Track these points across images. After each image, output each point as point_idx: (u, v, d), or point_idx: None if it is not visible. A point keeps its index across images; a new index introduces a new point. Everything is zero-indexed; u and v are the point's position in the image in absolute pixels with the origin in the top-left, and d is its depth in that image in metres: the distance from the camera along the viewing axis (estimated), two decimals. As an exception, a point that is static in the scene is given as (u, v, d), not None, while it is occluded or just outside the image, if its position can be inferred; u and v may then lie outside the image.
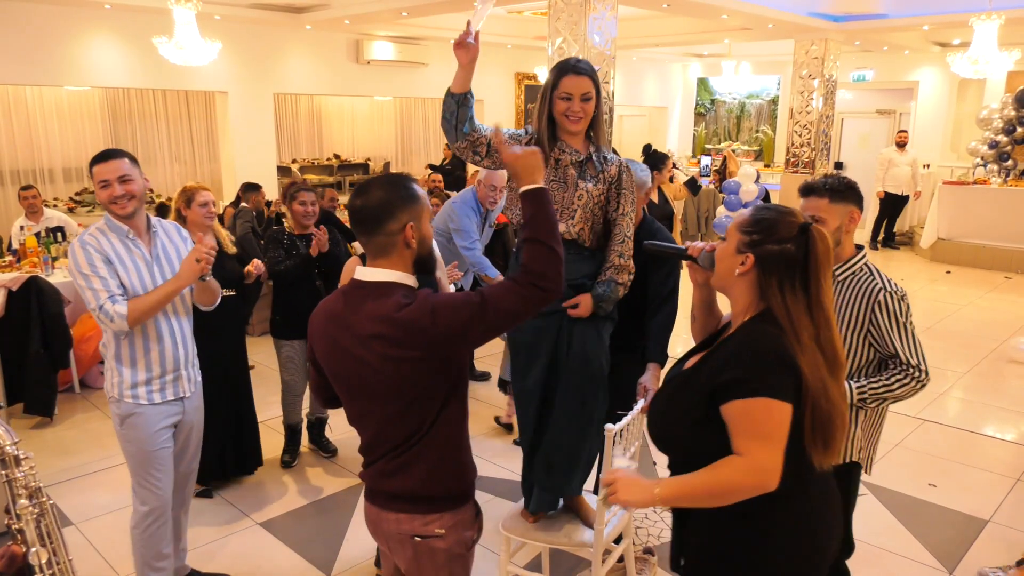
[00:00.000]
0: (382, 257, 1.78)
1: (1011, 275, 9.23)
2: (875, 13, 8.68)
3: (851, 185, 2.30)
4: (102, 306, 2.48)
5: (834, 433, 1.60)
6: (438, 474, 1.83)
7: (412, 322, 1.69)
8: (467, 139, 2.58)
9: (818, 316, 1.61)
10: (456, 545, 1.86)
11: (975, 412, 5.03)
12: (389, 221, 1.75)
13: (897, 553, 3.35)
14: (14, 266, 5.30)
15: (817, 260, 1.60)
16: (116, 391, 2.64)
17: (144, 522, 2.72)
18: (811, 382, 1.57)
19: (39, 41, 7.50)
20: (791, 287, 1.61)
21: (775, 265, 1.63)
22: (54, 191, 9.78)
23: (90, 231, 2.58)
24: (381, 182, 1.80)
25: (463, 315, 1.68)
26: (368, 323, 1.73)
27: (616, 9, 6.21)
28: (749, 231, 1.67)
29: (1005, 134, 10.32)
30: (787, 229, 1.63)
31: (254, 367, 5.66)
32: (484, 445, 4.44)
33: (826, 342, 1.61)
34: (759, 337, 1.62)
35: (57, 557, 1.49)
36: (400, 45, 10.29)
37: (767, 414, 1.56)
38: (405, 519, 1.84)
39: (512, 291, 1.68)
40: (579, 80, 2.50)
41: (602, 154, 2.61)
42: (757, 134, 14.66)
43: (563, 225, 2.58)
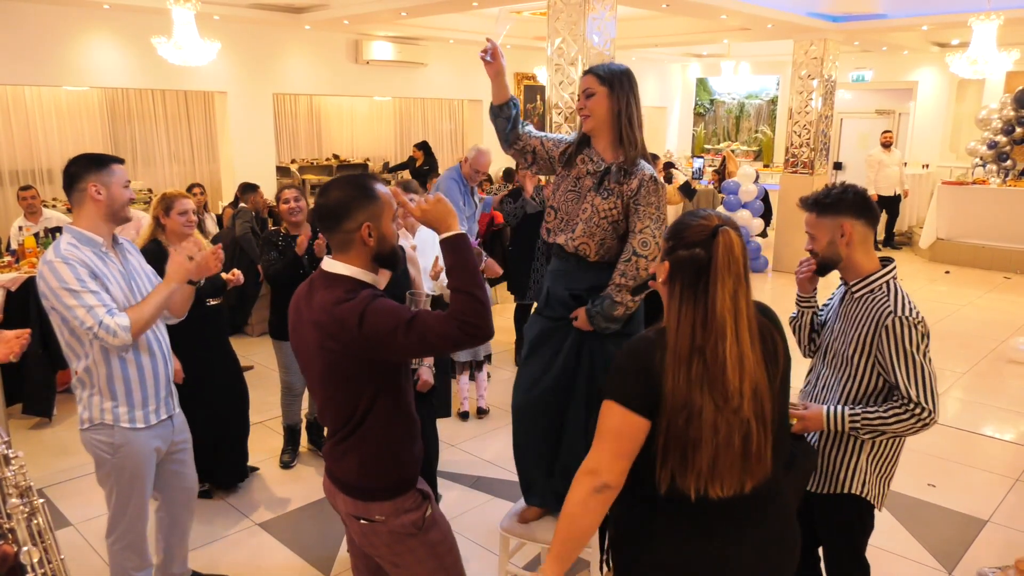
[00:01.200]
0: (342, 253, 1.89)
1: (1010, 275, 9.23)
2: (874, 13, 8.68)
3: (839, 196, 2.15)
4: (101, 322, 2.27)
5: (691, 460, 1.50)
6: (371, 468, 1.94)
7: (341, 319, 1.79)
8: (514, 147, 2.66)
9: (710, 324, 1.50)
10: (400, 527, 1.96)
11: (974, 412, 5.03)
12: (346, 220, 1.85)
13: (896, 553, 3.34)
14: (13, 266, 5.29)
15: (716, 264, 1.51)
16: (108, 417, 2.46)
17: (122, 540, 2.61)
18: (673, 396, 1.49)
19: (38, 41, 7.49)
20: (692, 294, 1.53)
21: (681, 271, 1.55)
22: (53, 191, 9.76)
23: (63, 246, 2.35)
24: (341, 182, 1.90)
25: (388, 325, 1.77)
26: (314, 310, 1.86)
27: (615, 9, 6.20)
28: (667, 237, 1.62)
29: (1004, 134, 10.32)
30: (698, 233, 1.55)
31: (252, 367, 5.67)
32: (483, 445, 4.44)
33: (713, 355, 1.49)
34: (633, 343, 1.61)
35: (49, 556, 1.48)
36: (399, 45, 10.29)
37: (605, 415, 1.56)
38: (349, 502, 1.97)
39: (443, 322, 1.77)
40: (584, 79, 2.53)
41: (628, 167, 2.51)
42: (756, 134, 14.66)
43: (564, 236, 2.55)
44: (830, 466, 2.23)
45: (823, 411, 2.15)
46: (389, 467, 1.95)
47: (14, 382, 4.71)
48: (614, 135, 2.52)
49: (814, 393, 2.32)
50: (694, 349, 1.50)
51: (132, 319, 2.34)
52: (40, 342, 4.75)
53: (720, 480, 1.52)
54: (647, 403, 1.52)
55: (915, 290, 8.48)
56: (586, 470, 1.58)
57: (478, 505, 3.74)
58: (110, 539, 2.62)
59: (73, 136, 9.96)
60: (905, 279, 9.01)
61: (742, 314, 1.52)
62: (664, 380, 1.50)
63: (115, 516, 2.59)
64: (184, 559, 2.99)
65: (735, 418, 1.50)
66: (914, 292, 8.28)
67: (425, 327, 1.76)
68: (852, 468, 2.20)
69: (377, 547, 2.00)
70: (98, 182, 2.39)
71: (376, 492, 1.94)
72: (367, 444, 1.92)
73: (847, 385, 2.20)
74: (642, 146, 2.54)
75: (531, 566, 3.10)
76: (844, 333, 2.21)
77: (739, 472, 1.53)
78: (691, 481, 1.52)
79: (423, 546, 2.00)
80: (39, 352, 4.72)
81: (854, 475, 2.20)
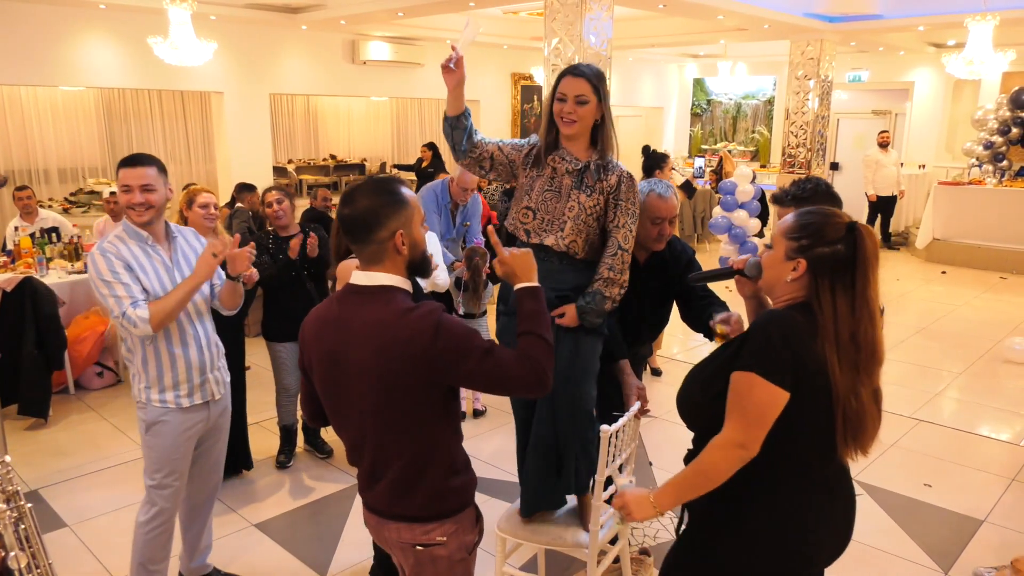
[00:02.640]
0: (375, 264, 1.77)
1: (1006, 275, 9.25)
2: (870, 14, 8.69)
3: (816, 189, 2.21)
4: (124, 312, 2.45)
5: (864, 430, 1.65)
6: (437, 497, 1.83)
7: (414, 330, 1.68)
8: (469, 156, 2.62)
9: (861, 312, 1.62)
10: (458, 551, 1.87)
11: (970, 412, 5.04)
12: (378, 229, 1.73)
13: (892, 553, 3.35)
14: (8, 267, 5.28)
15: (866, 257, 1.62)
16: (143, 396, 2.63)
17: (151, 523, 2.70)
18: (840, 381, 1.60)
19: (34, 41, 7.48)
20: (843, 287, 1.63)
21: (828, 267, 1.64)
22: (49, 192, 9.75)
23: (109, 238, 2.57)
24: (367, 189, 1.76)
25: (464, 346, 1.69)
26: (369, 326, 1.71)
27: (612, 10, 6.21)
28: (798, 236, 1.69)
29: (1000, 135, 10.34)
30: (835, 230, 1.65)
31: (250, 368, 5.65)
32: (481, 446, 4.43)
33: (865, 338, 1.63)
34: (775, 319, 1.66)
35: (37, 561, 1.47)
36: (396, 45, 10.28)
37: (749, 389, 1.61)
38: (405, 528, 1.84)
39: (519, 361, 1.72)
40: (575, 81, 2.46)
41: (604, 163, 2.53)
42: (753, 134, 14.67)
43: (552, 237, 2.54)
44: None
45: None
46: (454, 491, 1.85)
47: (9, 383, 4.70)
48: (590, 137, 2.54)
49: None
50: (852, 335, 1.62)
51: (152, 311, 2.48)
52: (35, 343, 4.74)
53: (865, 449, 1.69)
54: (794, 380, 1.60)
55: (911, 290, 8.49)
56: (735, 443, 1.63)
57: (475, 506, 3.74)
58: (139, 521, 2.73)
59: (69, 136, 9.94)
60: (901, 279, 9.03)
61: (879, 298, 1.67)
62: (830, 368, 1.60)
63: (147, 498, 2.72)
64: (205, 552, 3.06)
65: (873, 388, 1.66)
66: (910, 292, 8.32)
67: (502, 360, 1.70)
68: None
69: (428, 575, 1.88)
70: (117, 184, 2.59)
71: (440, 515, 1.84)
72: (429, 473, 1.81)
73: None
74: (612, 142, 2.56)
75: (528, 567, 3.10)
76: None
77: (875, 433, 1.69)
78: (858, 451, 1.67)
79: (463, 573, 1.92)
80: (34, 353, 4.71)
81: None
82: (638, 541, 3.40)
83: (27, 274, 4.97)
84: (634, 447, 2.68)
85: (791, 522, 1.70)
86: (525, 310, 1.80)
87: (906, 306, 7.74)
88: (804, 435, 1.66)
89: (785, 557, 1.71)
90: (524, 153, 2.62)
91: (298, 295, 3.93)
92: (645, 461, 4.15)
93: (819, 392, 1.62)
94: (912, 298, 8.12)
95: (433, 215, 4.90)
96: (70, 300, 5.31)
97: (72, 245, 5.84)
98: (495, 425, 4.73)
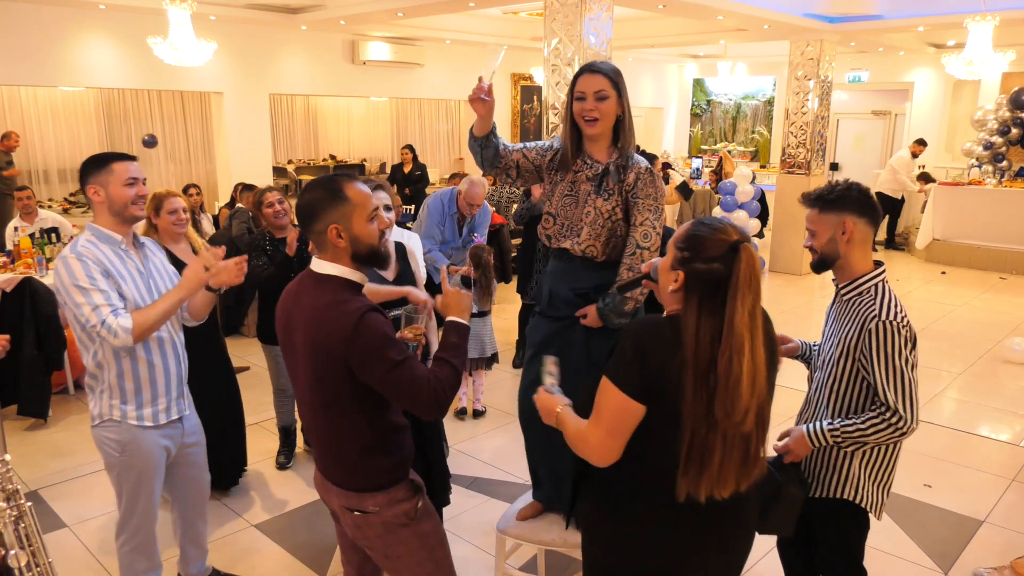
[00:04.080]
0: (321, 252, 1.92)
1: (1006, 276, 9.25)
2: (870, 14, 8.69)
3: (844, 193, 2.11)
4: (104, 321, 2.26)
5: (710, 468, 1.55)
6: (363, 470, 1.98)
7: (333, 323, 1.81)
8: (497, 168, 2.65)
9: (727, 340, 1.51)
10: (393, 517, 2.00)
11: (970, 412, 5.04)
12: (314, 221, 1.88)
13: (892, 554, 3.35)
14: (8, 267, 5.28)
15: (737, 281, 1.52)
16: (116, 413, 2.44)
17: (131, 542, 2.60)
18: (690, 407, 1.53)
19: (34, 42, 7.48)
20: (710, 309, 1.54)
21: (699, 284, 1.56)
22: (49, 192, 9.77)
23: (80, 243, 2.36)
24: (315, 184, 1.93)
25: (376, 352, 1.83)
26: (304, 310, 1.89)
27: (612, 10, 6.20)
28: (682, 247, 1.61)
29: (1000, 135, 10.34)
30: (716, 247, 1.55)
31: (248, 368, 5.66)
32: (481, 446, 4.43)
33: (727, 369, 1.51)
34: (638, 330, 1.63)
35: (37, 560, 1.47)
36: (396, 46, 10.28)
37: (603, 393, 1.61)
38: (343, 494, 2.00)
39: (424, 380, 1.85)
40: (593, 78, 2.42)
41: (624, 162, 2.51)
42: (753, 135, 14.68)
43: (569, 242, 2.54)
44: (821, 469, 2.22)
45: (803, 433, 2.13)
46: (381, 467, 1.99)
47: (9, 383, 4.70)
48: (612, 136, 2.52)
49: (811, 398, 2.31)
50: (711, 362, 1.53)
51: (136, 322, 2.32)
52: (35, 343, 4.74)
53: (724, 483, 1.58)
54: (643, 391, 1.57)
55: (911, 291, 8.49)
56: (582, 436, 1.66)
57: (475, 506, 3.73)
58: (119, 540, 2.61)
59: (69, 137, 9.95)
60: (901, 280, 9.03)
61: (758, 329, 1.55)
62: (681, 391, 1.53)
63: (124, 516, 2.57)
64: (202, 559, 3.00)
65: (737, 430, 1.55)
66: (910, 292, 8.31)
67: (409, 377, 1.83)
68: (844, 473, 2.17)
69: (370, 539, 2.04)
70: (96, 183, 2.38)
71: (369, 487, 1.98)
72: (351, 447, 1.96)
73: (834, 388, 2.17)
74: (633, 141, 2.55)
75: (528, 568, 3.10)
76: (832, 337, 2.21)
77: (737, 475, 1.60)
78: (704, 486, 1.57)
79: (415, 537, 2.04)
80: (34, 353, 4.71)
81: (847, 480, 2.17)
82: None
83: (27, 274, 4.97)
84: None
85: (643, 535, 1.67)
86: (448, 341, 1.98)
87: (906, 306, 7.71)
88: (652, 450, 1.60)
89: (639, 567, 1.69)
90: (548, 159, 2.63)
91: None
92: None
93: (668, 412, 1.56)
94: (912, 298, 8.12)
95: (435, 223, 5.05)
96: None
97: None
98: (495, 425, 4.73)
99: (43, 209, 6.66)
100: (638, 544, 1.68)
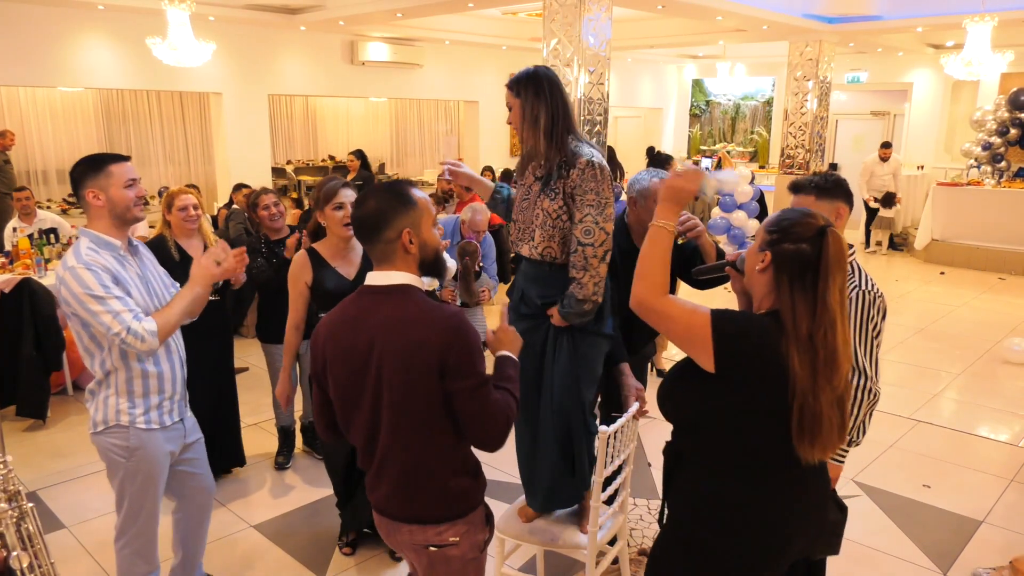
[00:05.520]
0: (387, 263, 1.82)
1: (1005, 276, 9.26)
2: (869, 15, 8.70)
3: (839, 182, 2.31)
4: (129, 328, 2.21)
5: (820, 431, 1.64)
6: (445, 498, 1.85)
7: (437, 329, 1.73)
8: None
9: (821, 316, 1.63)
10: (470, 550, 1.90)
11: (969, 413, 5.04)
12: (385, 229, 1.78)
13: (891, 554, 3.35)
14: (7, 268, 5.27)
15: (828, 261, 1.63)
16: (124, 419, 2.40)
17: (132, 544, 2.57)
18: (799, 379, 1.62)
19: (33, 42, 7.47)
20: (801, 286, 1.64)
21: (788, 263, 1.66)
22: (48, 192, 9.75)
23: (83, 252, 2.29)
24: (377, 191, 1.83)
25: (471, 361, 1.74)
26: (388, 323, 1.76)
27: (611, 10, 6.21)
28: (771, 230, 1.72)
29: (998, 135, 10.35)
30: (805, 230, 1.66)
31: (248, 369, 5.65)
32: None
33: (823, 342, 1.62)
34: (754, 323, 1.70)
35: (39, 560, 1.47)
36: (395, 46, 10.28)
37: (693, 315, 1.70)
38: (418, 530, 1.86)
39: (499, 407, 1.79)
40: (506, 94, 2.53)
41: (567, 159, 2.44)
42: (752, 135, 14.68)
43: (526, 246, 2.55)
44: None
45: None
46: (464, 492, 1.87)
47: (7, 384, 4.69)
48: (545, 139, 2.45)
49: None
50: (810, 336, 1.63)
51: (159, 324, 2.30)
52: (33, 344, 4.73)
53: (832, 446, 1.68)
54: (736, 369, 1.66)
55: (910, 291, 8.50)
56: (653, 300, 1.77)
57: (474, 507, 3.73)
58: (119, 543, 2.57)
59: (68, 137, 9.94)
60: (900, 280, 9.03)
61: (845, 305, 1.68)
62: (790, 363, 1.62)
63: (126, 521, 2.54)
64: (200, 562, 2.98)
65: (836, 395, 1.66)
66: (909, 293, 8.32)
67: (489, 399, 1.76)
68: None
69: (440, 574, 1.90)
70: (95, 187, 2.32)
71: (451, 516, 1.86)
72: (442, 470, 1.83)
73: None
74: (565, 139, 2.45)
75: (527, 568, 3.10)
76: None
77: (837, 438, 1.69)
78: (818, 451, 1.66)
79: (476, 571, 1.95)
80: (32, 354, 4.71)
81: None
82: (637, 542, 3.40)
83: (25, 275, 4.97)
84: (633, 447, 2.68)
85: (765, 511, 1.73)
86: (505, 373, 1.91)
87: (905, 307, 7.74)
88: (766, 429, 1.69)
89: (760, 543, 1.74)
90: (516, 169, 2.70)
91: None
92: (644, 462, 4.15)
93: (776, 386, 1.64)
94: (911, 299, 8.12)
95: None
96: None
97: (71, 246, 5.83)
98: (494, 426, 4.73)
99: (42, 210, 6.65)
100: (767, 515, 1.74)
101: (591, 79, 6.25)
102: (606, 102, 6.45)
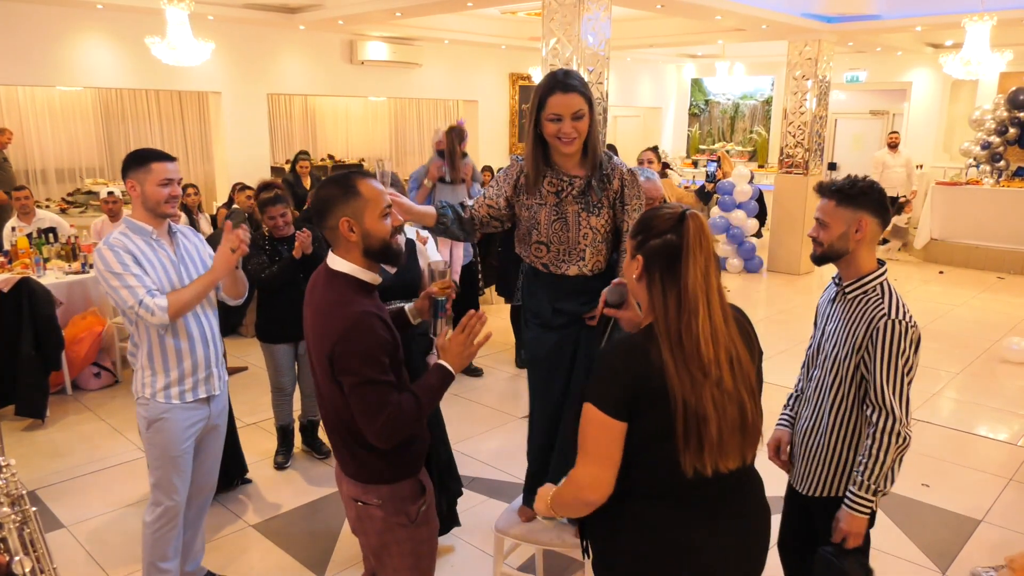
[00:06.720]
0: (335, 248, 1.96)
1: (1004, 275, 9.26)
2: (868, 14, 8.70)
3: (864, 190, 2.08)
4: (141, 301, 2.47)
5: (708, 433, 1.53)
6: (365, 467, 1.99)
7: (329, 322, 1.85)
8: (477, 232, 2.60)
9: (685, 304, 1.54)
10: (395, 514, 2.02)
11: (968, 412, 5.05)
12: (327, 217, 1.91)
13: (890, 553, 3.35)
14: (5, 267, 5.26)
15: (687, 244, 1.55)
16: (147, 391, 2.63)
17: (157, 522, 2.72)
18: (676, 384, 1.53)
19: (31, 41, 7.46)
20: (671, 280, 1.56)
21: (656, 258, 1.59)
22: (46, 192, 9.74)
23: (114, 235, 2.58)
24: (327, 181, 1.97)
25: (356, 364, 1.81)
26: (313, 309, 1.95)
27: (610, 10, 6.20)
28: (635, 234, 1.65)
29: (997, 135, 10.35)
30: (665, 221, 1.60)
31: (247, 368, 5.65)
32: (479, 447, 4.43)
33: (689, 334, 1.53)
34: (613, 346, 1.66)
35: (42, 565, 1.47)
36: (394, 45, 10.27)
37: (586, 421, 1.59)
38: (351, 484, 2.04)
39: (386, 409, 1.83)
40: (568, 98, 2.29)
41: (603, 171, 2.43)
42: (751, 135, 14.68)
43: (575, 267, 2.48)
44: (825, 469, 2.21)
45: (846, 512, 2.08)
46: (387, 463, 1.99)
47: (6, 384, 4.68)
48: (583, 151, 2.41)
49: (810, 396, 2.30)
50: (680, 332, 1.55)
51: (171, 301, 2.52)
52: (32, 344, 4.73)
53: (727, 453, 1.56)
54: (625, 407, 1.56)
55: (909, 290, 8.50)
56: (574, 482, 1.65)
57: (473, 506, 3.73)
58: (146, 521, 2.73)
59: (67, 137, 9.92)
60: (899, 279, 9.03)
61: (713, 290, 1.56)
62: (666, 370, 1.53)
63: (152, 498, 2.72)
64: (199, 555, 3.04)
65: (719, 390, 1.55)
66: (908, 292, 8.32)
67: (374, 399, 1.82)
68: (849, 470, 2.17)
69: (368, 533, 2.06)
70: (134, 178, 2.55)
71: (374, 480, 2.00)
72: (357, 444, 1.97)
73: (838, 388, 2.16)
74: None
75: (526, 568, 3.10)
76: (836, 335, 2.18)
77: (740, 445, 1.59)
78: (708, 458, 1.55)
79: (409, 540, 2.05)
80: (32, 354, 4.70)
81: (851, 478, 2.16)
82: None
83: (24, 274, 4.96)
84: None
85: (663, 539, 1.63)
86: (427, 382, 1.94)
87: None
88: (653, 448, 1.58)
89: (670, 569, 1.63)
90: (512, 184, 2.52)
91: (292, 296, 3.92)
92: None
93: (660, 401, 1.55)
94: (910, 298, 8.13)
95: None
96: (67, 300, 5.30)
97: (69, 245, 5.83)
98: (495, 425, 4.73)
99: (41, 209, 6.65)
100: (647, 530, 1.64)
101: (590, 78, 6.24)
102: (605, 101, 6.44)
